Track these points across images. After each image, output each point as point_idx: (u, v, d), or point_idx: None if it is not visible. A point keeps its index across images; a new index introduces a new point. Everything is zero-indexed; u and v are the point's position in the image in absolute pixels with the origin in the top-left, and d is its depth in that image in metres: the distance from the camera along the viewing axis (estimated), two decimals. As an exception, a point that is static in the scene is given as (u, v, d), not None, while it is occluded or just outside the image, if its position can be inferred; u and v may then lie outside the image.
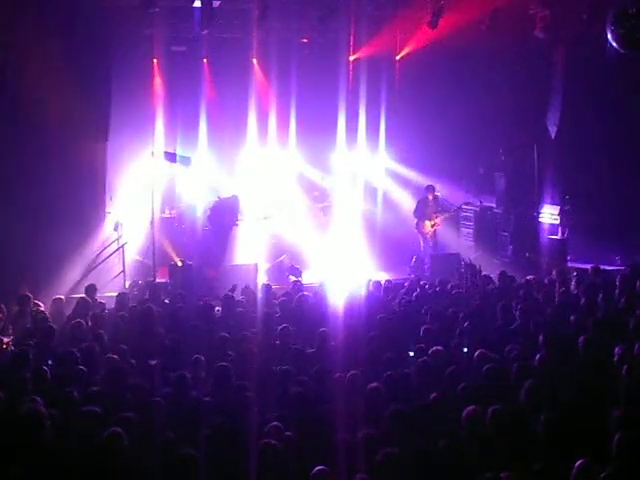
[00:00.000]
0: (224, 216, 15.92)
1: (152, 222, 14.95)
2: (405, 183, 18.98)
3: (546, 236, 17.02)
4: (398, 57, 18.60)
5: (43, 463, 6.42)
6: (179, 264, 15.04)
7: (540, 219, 17.35)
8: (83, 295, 12.35)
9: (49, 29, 13.98)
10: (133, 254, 15.63)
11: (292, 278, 15.37)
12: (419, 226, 17.05)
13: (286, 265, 16.29)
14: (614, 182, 16.97)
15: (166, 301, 12.64)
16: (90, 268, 14.80)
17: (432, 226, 16.95)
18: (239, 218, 16.11)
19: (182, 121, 17.04)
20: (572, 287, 12.62)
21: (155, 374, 8.59)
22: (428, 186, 17.18)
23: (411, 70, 18.35)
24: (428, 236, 17.00)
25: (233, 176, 17.45)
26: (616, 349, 8.74)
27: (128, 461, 6.42)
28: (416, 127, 18.19)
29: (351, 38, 17.76)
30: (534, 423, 6.79)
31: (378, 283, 13.17)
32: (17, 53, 13.93)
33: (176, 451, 6.37)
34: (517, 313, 10.69)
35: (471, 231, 18.27)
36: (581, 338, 9.24)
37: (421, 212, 17.03)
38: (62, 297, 12.39)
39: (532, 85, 17.58)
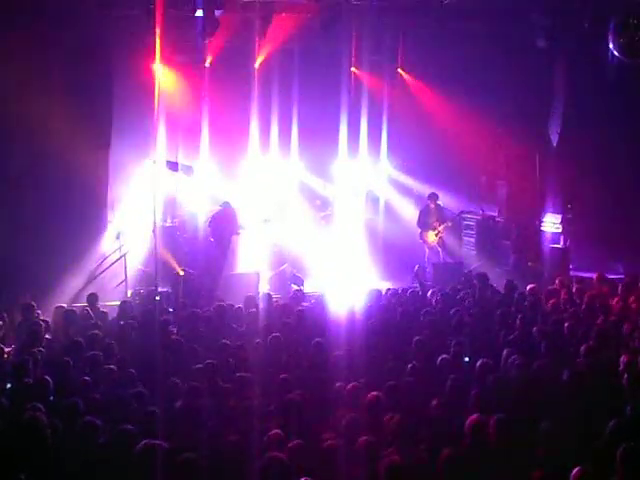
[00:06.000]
0: (224, 226, 15.93)
1: (154, 231, 14.96)
2: (407, 192, 19.00)
3: (548, 245, 16.99)
4: (399, 65, 18.64)
5: (44, 472, 6.41)
6: (181, 273, 15.03)
7: (542, 228, 17.32)
8: (85, 304, 12.37)
9: (51, 37, 14.02)
10: (135, 263, 15.62)
11: (294, 287, 15.36)
12: (423, 236, 17.06)
13: (288, 274, 16.27)
14: (616, 190, 16.95)
15: (170, 310, 12.65)
16: (92, 277, 14.81)
17: (436, 235, 16.96)
18: (239, 227, 16.10)
19: (184, 130, 17.05)
20: (575, 295, 12.61)
21: (158, 383, 8.59)
22: (430, 194, 17.19)
23: (412, 78, 18.38)
24: (434, 245, 17.00)
25: (235, 185, 17.45)
26: (622, 358, 8.72)
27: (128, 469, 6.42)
28: (418, 136, 18.20)
29: (353, 46, 17.79)
30: (536, 431, 6.78)
31: (380, 292, 13.16)
32: (18, 60, 13.94)
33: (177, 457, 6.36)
34: (519, 322, 10.69)
35: (473, 240, 18.25)
36: (583, 347, 9.23)
37: (424, 221, 17.04)
38: (64, 306, 12.37)
39: (534, 93, 17.56)
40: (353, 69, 18.28)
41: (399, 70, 18.72)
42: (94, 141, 14.86)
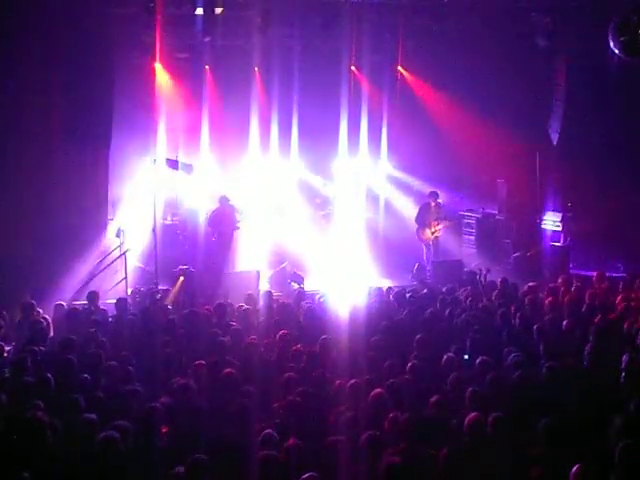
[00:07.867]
0: (224, 223, 15.94)
1: (154, 229, 14.96)
2: (407, 190, 18.98)
3: (548, 243, 17.01)
4: (399, 64, 18.64)
5: (44, 470, 6.41)
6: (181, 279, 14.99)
7: (542, 226, 17.33)
8: (85, 302, 12.37)
9: (51, 36, 14.03)
10: (135, 261, 15.62)
11: (294, 285, 15.36)
12: (419, 233, 17.06)
13: (288, 272, 16.27)
14: (616, 189, 16.95)
15: (169, 307, 12.65)
16: (92, 275, 14.81)
17: (432, 234, 16.97)
18: (239, 221, 16.12)
19: (184, 128, 17.04)
20: (575, 293, 12.61)
21: (156, 380, 8.59)
22: (431, 192, 17.19)
23: (413, 77, 18.38)
24: (428, 242, 17.01)
25: (235, 183, 17.44)
26: (623, 357, 8.73)
27: (127, 467, 6.42)
28: (418, 134, 18.19)
29: (353, 45, 17.78)
30: (535, 429, 6.78)
31: (380, 290, 13.16)
32: (19, 59, 13.94)
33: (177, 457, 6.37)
34: (519, 320, 10.69)
35: (473, 238, 18.22)
36: (588, 346, 9.23)
37: (422, 218, 17.05)
38: (64, 303, 12.37)
39: (534, 92, 17.58)
40: (353, 67, 18.26)
41: (399, 69, 18.71)
42: (94, 139, 14.86)
